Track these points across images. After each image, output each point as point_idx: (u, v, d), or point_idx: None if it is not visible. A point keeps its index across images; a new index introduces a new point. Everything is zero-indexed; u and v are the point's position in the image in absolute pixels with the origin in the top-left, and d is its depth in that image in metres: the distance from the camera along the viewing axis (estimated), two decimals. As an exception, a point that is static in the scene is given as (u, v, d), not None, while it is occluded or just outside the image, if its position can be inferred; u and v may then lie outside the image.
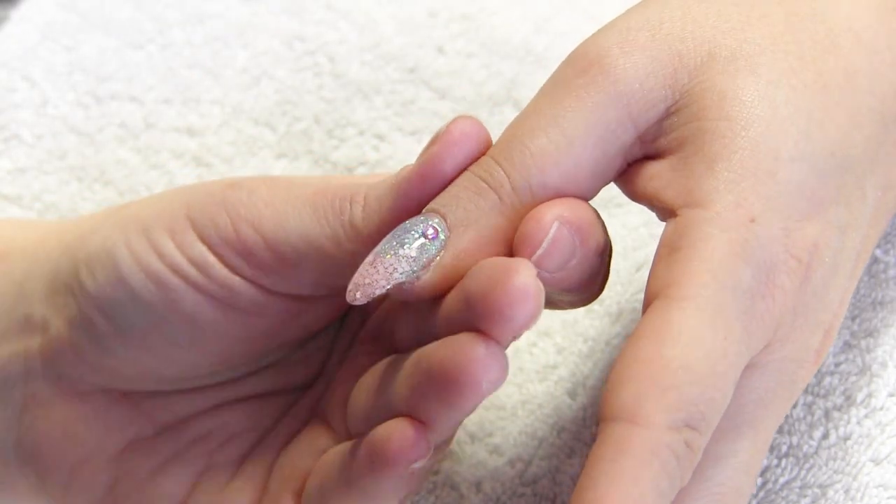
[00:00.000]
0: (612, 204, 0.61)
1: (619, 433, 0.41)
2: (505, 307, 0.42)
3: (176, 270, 0.48)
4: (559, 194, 0.45)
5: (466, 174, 0.46)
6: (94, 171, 0.66)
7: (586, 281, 0.46)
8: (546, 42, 0.67)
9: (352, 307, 0.51)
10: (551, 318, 0.58)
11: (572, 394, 0.56)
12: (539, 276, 0.43)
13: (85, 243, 0.50)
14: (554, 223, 0.44)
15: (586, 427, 0.55)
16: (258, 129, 0.66)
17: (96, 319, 0.49)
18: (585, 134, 0.45)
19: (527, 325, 0.42)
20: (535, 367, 0.57)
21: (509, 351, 0.43)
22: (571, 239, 0.44)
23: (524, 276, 0.42)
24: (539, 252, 0.44)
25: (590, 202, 0.46)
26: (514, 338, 0.43)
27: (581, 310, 0.58)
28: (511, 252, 0.45)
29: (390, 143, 0.65)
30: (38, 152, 0.67)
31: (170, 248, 0.48)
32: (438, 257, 0.45)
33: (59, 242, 0.52)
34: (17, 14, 0.71)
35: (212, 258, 0.48)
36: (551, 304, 0.48)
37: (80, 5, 0.71)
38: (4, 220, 0.60)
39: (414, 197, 0.46)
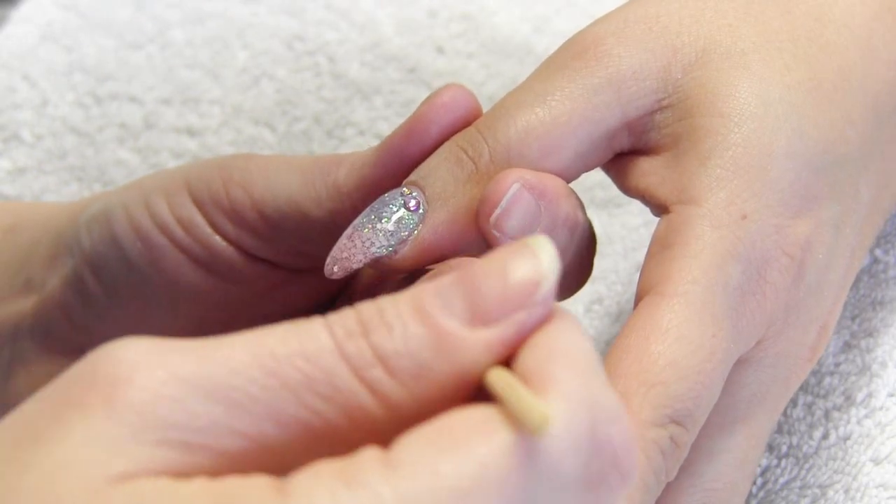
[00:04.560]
0: (612, 204, 0.61)
1: None
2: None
3: (163, 229, 0.49)
4: (538, 169, 0.45)
5: (449, 144, 0.46)
6: (94, 171, 0.66)
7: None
8: (546, 42, 0.67)
9: (337, 297, 0.52)
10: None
11: (572, 394, 0.56)
12: (500, 241, 0.43)
13: (89, 208, 0.51)
14: (514, 184, 0.44)
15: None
16: (258, 129, 0.66)
17: (87, 278, 0.50)
18: (571, 112, 0.45)
19: None
20: (534, 366, 0.57)
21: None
22: (534, 202, 0.44)
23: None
24: (497, 211, 0.44)
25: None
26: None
27: (581, 310, 0.58)
28: None
29: (390, 143, 0.65)
30: (38, 152, 0.67)
31: (162, 208, 0.49)
32: (416, 232, 0.45)
33: (68, 213, 0.53)
34: (17, 14, 0.71)
35: (199, 218, 0.49)
36: None
37: (80, 5, 0.71)
38: (20, 202, 0.62)
39: (396, 157, 0.46)
